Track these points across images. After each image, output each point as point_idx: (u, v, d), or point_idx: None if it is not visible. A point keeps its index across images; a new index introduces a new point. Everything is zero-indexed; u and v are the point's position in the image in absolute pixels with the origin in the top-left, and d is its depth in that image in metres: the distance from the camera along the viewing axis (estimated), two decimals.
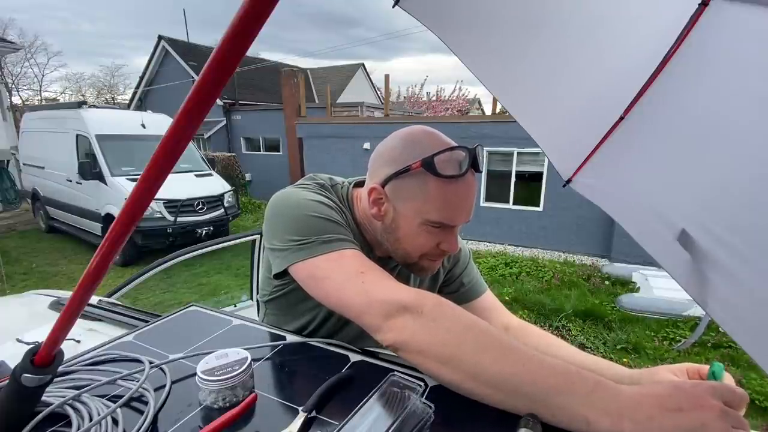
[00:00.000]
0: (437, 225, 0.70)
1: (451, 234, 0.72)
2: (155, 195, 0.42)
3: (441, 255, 0.75)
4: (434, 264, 0.77)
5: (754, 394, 3.27)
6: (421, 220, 0.70)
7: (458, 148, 0.69)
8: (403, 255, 0.75)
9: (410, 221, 0.71)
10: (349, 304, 0.62)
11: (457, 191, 0.69)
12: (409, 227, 0.71)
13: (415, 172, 0.68)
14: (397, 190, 0.71)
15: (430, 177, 0.67)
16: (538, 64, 1.11)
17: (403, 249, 0.74)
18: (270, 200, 0.75)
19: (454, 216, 0.70)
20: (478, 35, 1.06)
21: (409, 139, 0.72)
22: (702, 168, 0.91)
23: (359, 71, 19.44)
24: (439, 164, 0.66)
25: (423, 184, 0.68)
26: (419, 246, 0.73)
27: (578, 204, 6.52)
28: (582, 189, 1.32)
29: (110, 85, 27.74)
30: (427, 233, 0.71)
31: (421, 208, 0.69)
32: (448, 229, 0.71)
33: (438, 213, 0.69)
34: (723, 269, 0.86)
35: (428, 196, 0.68)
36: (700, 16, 0.83)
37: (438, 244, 0.72)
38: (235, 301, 2.57)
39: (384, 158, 0.73)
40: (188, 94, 0.36)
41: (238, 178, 11.11)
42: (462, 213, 0.71)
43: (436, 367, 0.54)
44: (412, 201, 0.70)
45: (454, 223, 0.70)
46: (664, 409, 0.43)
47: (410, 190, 0.70)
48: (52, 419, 0.51)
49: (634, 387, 0.47)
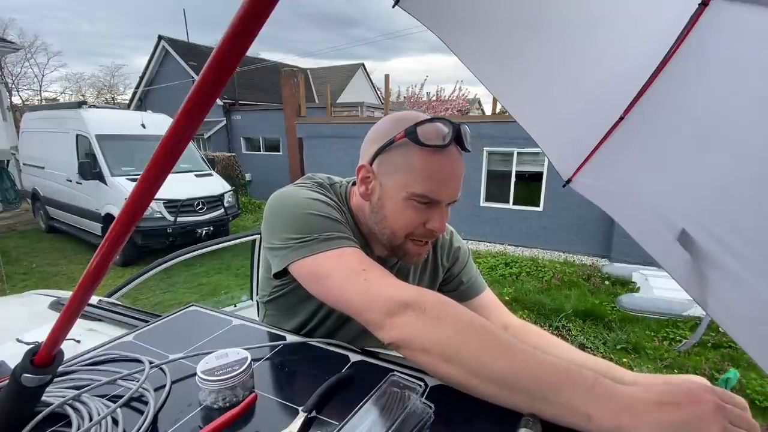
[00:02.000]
0: (423, 199, 0.69)
1: (437, 211, 0.71)
2: (155, 195, 0.42)
3: (428, 235, 0.73)
4: (421, 249, 0.75)
5: (754, 394, 3.27)
6: (406, 194, 0.69)
7: (441, 120, 0.69)
8: (390, 236, 0.74)
9: (395, 196, 0.70)
10: (351, 301, 0.62)
11: (441, 163, 0.68)
12: (394, 203, 0.71)
13: (399, 144, 0.69)
14: (383, 166, 0.71)
15: (414, 147, 0.67)
16: (538, 64, 1.11)
17: (390, 228, 0.73)
18: (268, 200, 0.74)
19: (438, 189, 0.69)
20: (478, 35, 1.06)
21: (397, 118, 0.73)
22: (702, 168, 0.91)
23: (359, 71, 19.44)
24: (421, 134, 0.66)
25: (407, 156, 0.68)
26: (405, 223, 0.71)
27: (578, 204, 6.52)
28: (582, 189, 1.32)
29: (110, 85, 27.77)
30: (413, 209, 0.70)
31: (405, 180, 0.69)
32: (435, 205, 0.70)
33: (422, 185, 0.68)
34: (723, 269, 0.86)
35: (412, 168, 0.68)
36: (700, 16, 0.83)
37: (425, 223, 0.71)
38: (235, 301, 2.57)
39: (372, 138, 0.73)
40: (188, 94, 0.36)
41: (238, 178, 11.11)
42: (447, 187, 0.69)
43: (439, 364, 0.54)
44: (397, 174, 0.70)
45: (438, 196, 0.69)
46: (662, 404, 0.43)
47: (395, 163, 0.70)
48: (52, 419, 0.51)
49: (632, 385, 0.47)
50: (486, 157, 7.60)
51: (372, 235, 0.80)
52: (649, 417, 0.43)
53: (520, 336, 0.84)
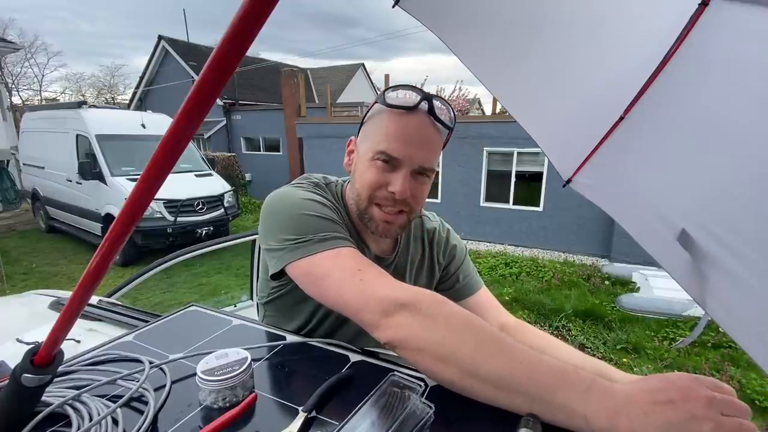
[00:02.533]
0: (384, 157, 0.70)
1: (399, 174, 0.71)
2: (155, 195, 0.42)
3: (390, 199, 0.72)
4: (385, 216, 0.74)
5: (754, 394, 3.27)
6: (372, 153, 0.72)
7: (414, 88, 0.72)
8: (357, 201, 0.76)
9: (364, 158, 0.74)
10: (347, 301, 0.62)
11: (406, 124, 0.71)
12: (362, 164, 0.74)
13: (374, 111, 0.75)
14: (362, 134, 0.77)
15: (384, 110, 0.72)
16: (538, 63, 1.11)
17: (356, 191, 0.76)
18: (265, 201, 0.74)
19: (399, 147, 0.70)
20: (477, 35, 1.06)
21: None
22: (702, 168, 0.91)
23: (359, 71, 19.43)
24: (389, 97, 0.71)
25: (378, 119, 0.73)
26: (368, 183, 0.72)
27: (578, 204, 6.52)
28: (582, 189, 1.32)
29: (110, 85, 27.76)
30: (375, 168, 0.72)
31: (374, 141, 0.72)
32: (398, 168, 0.71)
33: (384, 142, 0.70)
34: (723, 269, 0.86)
35: (380, 128, 0.72)
36: (700, 16, 0.83)
37: (387, 185, 0.72)
38: (235, 301, 2.57)
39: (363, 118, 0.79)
40: (188, 94, 0.36)
41: (238, 178, 11.11)
42: (409, 147, 0.70)
43: (434, 364, 0.54)
44: (369, 138, 0.74)
45: (398, 154, 0.70)
46: (657, 403, 0.44)
47: (369, 128, 0.75)
48: (52, 419, 0.51)
49: (627, 384, 0.47)
50: (486, 157, 7.60)
51: (367, 231, 0.80)
52: (645, 417, 0.43)
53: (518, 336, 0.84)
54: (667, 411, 0.43)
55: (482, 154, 7.57)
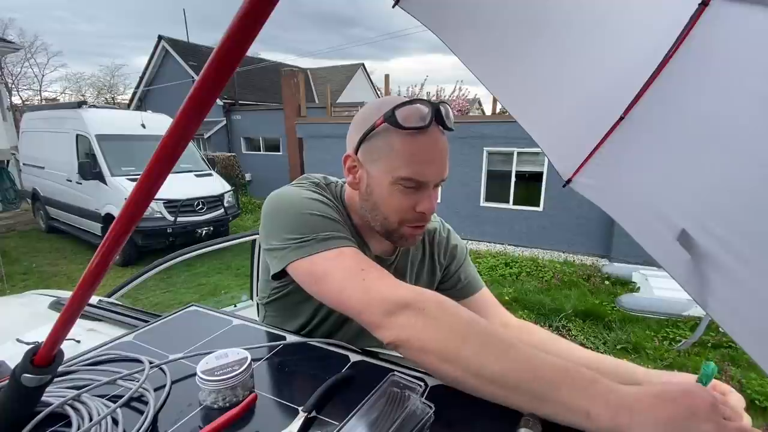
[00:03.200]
0: (409, 183, 0.69)
1: (425, 193, 0.71)
2: (155, 195, 0.42)
3: (421, 219, 0.73)
4: (416, 231, 0.75)
5: (754, 394, 3.27)
6: (392, 178, 0.69)
7: (420, 101, 0.68)
8: (383, 222, 0.74)
9: (382, 182, 0.70)
10: (350, 301, 0.62)
11: (423, 144, 0.68)
12: (382, 189, 0.71)
13: (380, 130, 0.68)
14: (367, 153, 0.71)
15: (394, 131, 0.67)
16: (538, 63, 1.11)
17: (382, 215, 0.73)
18: (265, 201, 0.74)
19: (422, 170, 0.68)
20: (477, 35, 1.06)
21: (377, 103, 0.72)
22: (702, 168, 0.91)
23: (359, 71, 19.43)
24: (400, 117, 0.66)
25: (388, 140, 0.68)
26: (395, 208, 0.71)
27: (578, 204, 6.52)
28: (582, 189, 1.32)
29: (110, 85, 27.73)
30: (400, 193, 0.70)
31: (390, 165, 0.69)
32: (422, 187, 0.70)
33: (406, 168, 0.68)
34: (723, 269, 0.86)
35: (395, 152, 0.68)
36: (700, 16, 0.83)
37: (414, 207, 0.71)
38: (235, 301, 2.57)
39: (355, 125, 0.73)
40: (188, 94, 0.36)
41: (238, 178, 11.12)
42: (431, 167, 0.69)
43: (439, 364, 0.54)
44: (381, 160, 0.70)
45: (424, 177, 0.69)
46: (659, 402, 0.44)
47: (378, 149, 0.70)
48: (52, 419, 0.51)
49: (631, 385, 0.48)
50: (486, 157, 7.60)
51: (368, 232, 0.80)
52: (647, 415, 0.43)
53: (521, 335, 0.84)
54: (669, 408, 0.43)
55: (482, 154, 7.57)
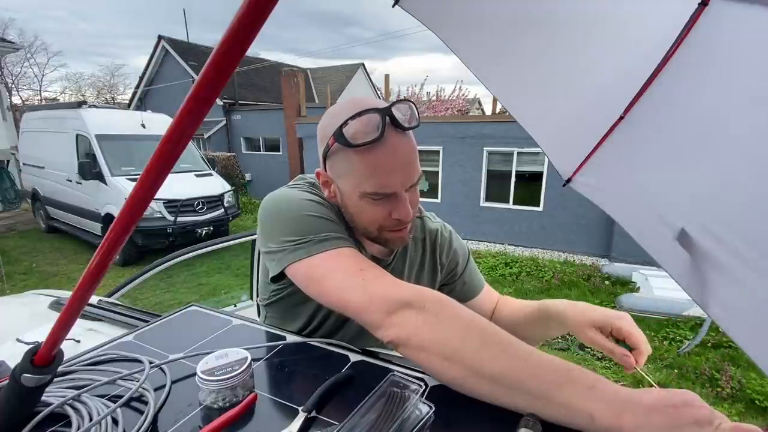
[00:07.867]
0: (376, 196, 0.67)
1: (397, 200, 0.68)
2: (155, 195, 0.42)
3: (400, 224, 0.71)
4: (398, 234, 0.73)
5: (754, 394, 3.27)
6: (359, 193, 0.67)
7: (367, 111, 0.63)
8: (364, 231, 0.74)
9: (352, 197, 0.69)
10: (349, 301, 0.61)
11: (380, 156, 0.64)
12: (353, 203, 0.70)
13: (335, 149, 0.66)
14: (331, 170, 0.70)
15: (347, 150, 0.64)
16: (538, 63, 1.11)
17: (361, 224, 0.73)
18: (262, 203, 0.73)
19: (386, 182, 0.66)
20: (478, 35, 1.06)
21: (331, 113, 0.69)
22: (702, 168, 0.91)
23: (359, 71, 19.42)
24: (349, 134, 0.63)
25: (345, 159, 0.66)
26: (370, 219, 0.70)
27: (578, 204, 6.52)
28: (582, 188, 1.32)
29: (110, 85, 27.70)
30: (371, 205, 0.68)
31: (353, 182, 0.67)
32: (392, 196, 0.68)
33: (368, 183, 0.65)
34: (723, 269, 0.86)
35: (353, 169, 0.66)
36: (700, 16, 0.83)
37: (390, 214, 0.69)
38: (235, 301, 2.57)
39: (319, 139, 0.71)
40: (188, 94, 0.36)
41: (238, 178, 11.11)
42: (394, 176, 0.66)
43: (439, 363, 0.54)
44: (344, 177, 0.68)
45: (389, 189, 0.66)
46: (661, 406, 0.44)
47: (339, 166, 0.68)
48: (52, 419, 0.51)
49: (633, 389, 0.48)
50: (486, 157, 7.60)
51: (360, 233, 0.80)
52: (649, 416, 0.43)
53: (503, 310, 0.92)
54: (671, 412, 0.43)
55: (482, 154, 7.57)
